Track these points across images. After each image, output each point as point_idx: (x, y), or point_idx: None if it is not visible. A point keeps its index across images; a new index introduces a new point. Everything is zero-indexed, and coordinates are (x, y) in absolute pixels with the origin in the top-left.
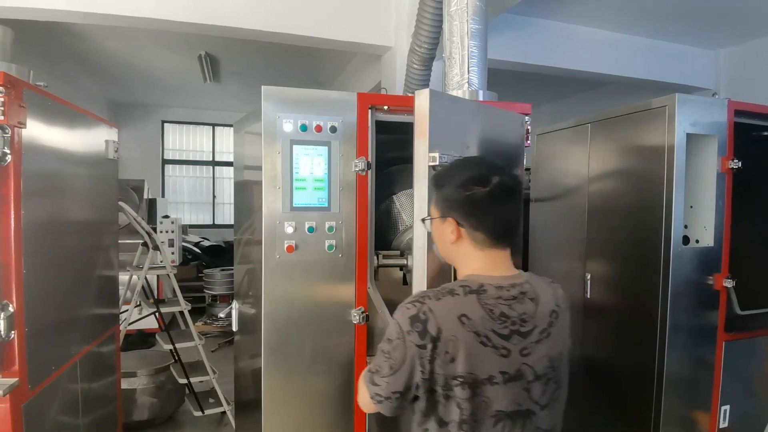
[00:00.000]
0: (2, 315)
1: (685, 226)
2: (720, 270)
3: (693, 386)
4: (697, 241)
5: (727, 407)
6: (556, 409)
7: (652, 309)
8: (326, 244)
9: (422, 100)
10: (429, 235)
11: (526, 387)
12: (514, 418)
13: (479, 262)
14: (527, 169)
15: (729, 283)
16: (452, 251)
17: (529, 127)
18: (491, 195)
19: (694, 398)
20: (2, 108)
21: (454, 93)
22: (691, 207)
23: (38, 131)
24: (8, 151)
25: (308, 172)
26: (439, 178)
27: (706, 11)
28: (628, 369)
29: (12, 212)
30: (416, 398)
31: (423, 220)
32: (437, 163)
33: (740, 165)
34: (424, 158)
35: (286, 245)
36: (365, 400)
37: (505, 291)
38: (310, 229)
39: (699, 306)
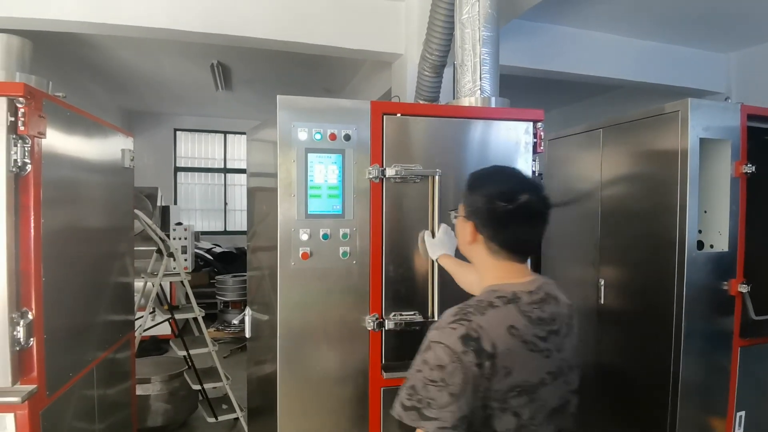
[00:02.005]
0: (21, 322)
1: (699, 231)
2: (735, 275)
3: (708, 392)
4: (712, 246)
5: (743, 413)
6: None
7: (666, 315)
8: (340, 251)
9: None
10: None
11: (566, 380)
12: (560, 411)
13: (497, 270)
14: (539, 175)
15: (744, 289)
16: (468, 251)
17: (542, 133)
18: (513, 213)
19: (710, 404)
20: (23, 119)
21: (466, 100)
22: (705, 212)
23: (57, 141)
24: (28, 161)
25: (323, 179)
26: (473, 180)
27: (716, 15)
28: (643, 375)
29: (32, 221)
30: None
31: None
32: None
33: (754, 169)
34: None
35: (301, 252)
36: None
37: (534, 296)
38: (325, 236)
39: (714, 311)
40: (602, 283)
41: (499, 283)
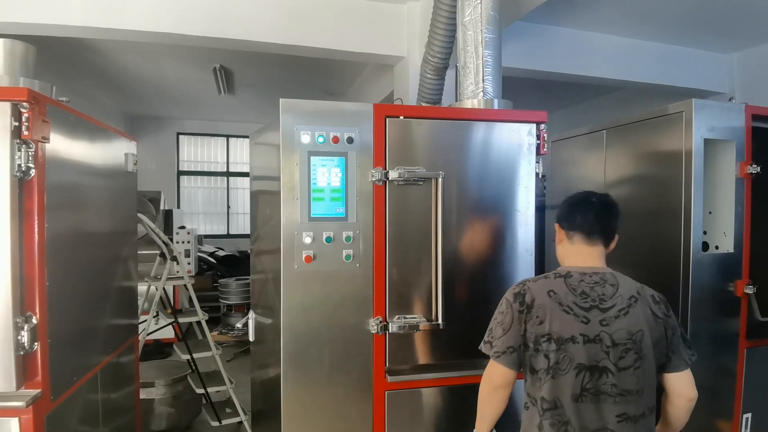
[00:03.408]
0: (26, 326)
1: (704, 233)
2: (740, 276)
3: (715, 394)
4: (717, 248)
5: (749, 415)
6: (638, 376)
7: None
8: (344, 254)
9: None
10: None
11: (605, 350)
12: (592, 371)
13: (573, 256)
14: (542, 177)
15: (750, 290)
16: (559, 251)
17: (545, 135)
18: (575, 202)
19: (716, 406)
20: (26, 123)
21: (469, 102)
22: (710, 213)
23: (61, 145)
24: (32, 166)
25: (325, 182)
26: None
27: (718, 15)
28: None
29: (36, 225)
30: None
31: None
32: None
33: (759, 170)
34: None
35: (304, 255)
36: (487, 374)
37: (587, 277)
38: (328, 239)
39: (719, 313)
40: None
41: (567, 266)
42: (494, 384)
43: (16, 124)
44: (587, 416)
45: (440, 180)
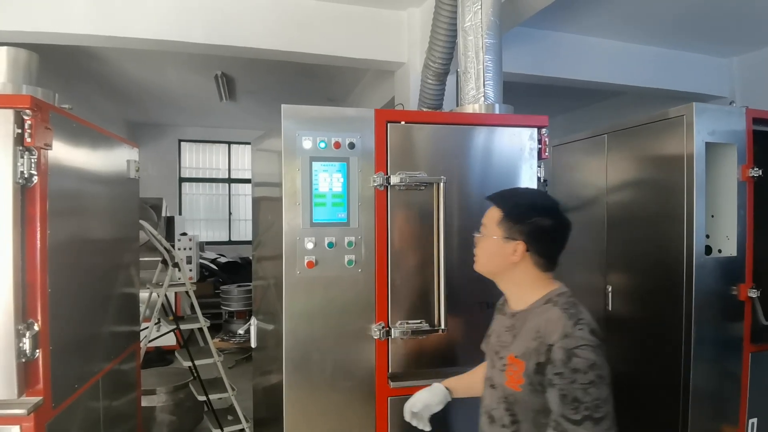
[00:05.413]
0: (28, 334)
1: (707, 236)
2: (744, 280)
3: (719, 399)
4: (720, 251)
5: (755, 420)
6: None
7: (675, 321)
8: (346, 260)
9: None
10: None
11: None
12: None
13: (542, 280)
14: (544, 181)
15: (754, 294)
16: (509, 268)
17: (546, 139)
18: (557, 229)
19: (721, 412)
20: (29, 131)
21: (470, 107)
22: (713, 216)
23: (63, 152)
24: (35, 173)
25: (327, 188)
26: (505, 200)
27: (718, 20)
28: (652, 382)
29: (38, 232)
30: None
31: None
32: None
33: (761, 173)
34: None
35: (306, 261)
36: None
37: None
38: (330, 245)
39: (723, 317)
40: (609, 289)
41: (556, 288)
42: None
43: (19, 131)
44: None
45: (442, 185)
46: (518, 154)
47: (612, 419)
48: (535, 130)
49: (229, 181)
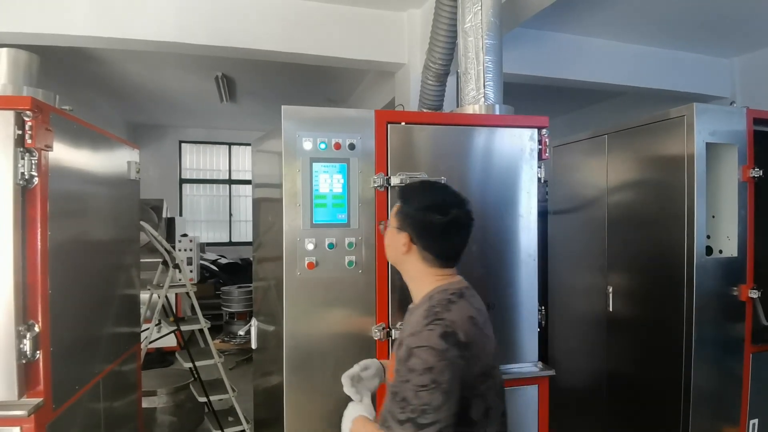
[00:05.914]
0: (28, 335)
1: (708, 237)
2: (745, 280)
3: (721, 400)
4: (721, 252)
5: (756, 420)
6: None
7: (676, 321)
8: (346, 260)
9: None
10: None
11: (497, 358)
12: (502, 387)
13: (432, 275)
14: (545, 182)
15: (754, 294)
16: (402, 261)
17: (547, 140)
18: (446, 226)
19: (722, 412)
20: (30, 132)
21: (470, 108)
22: (713, 217)
23: (64, 154)
24: (35, 174)
25: (327, 189)
26: (405, 192)
27: (719, 20)
28: (653, 383)
29: (39, 233)
30: None
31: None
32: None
33: (761, 173)
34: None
35: (306, 262)
36: None
37: (470, 290)
38: (330, 246)
39: (724, 318)
40: (610, 290)
41: (442, 284)
42: None
43: (20, 132)
44: None
45: None
46: (518, 154)
47: (448, 423)
48: (536, 130)
49: (230, 182)
